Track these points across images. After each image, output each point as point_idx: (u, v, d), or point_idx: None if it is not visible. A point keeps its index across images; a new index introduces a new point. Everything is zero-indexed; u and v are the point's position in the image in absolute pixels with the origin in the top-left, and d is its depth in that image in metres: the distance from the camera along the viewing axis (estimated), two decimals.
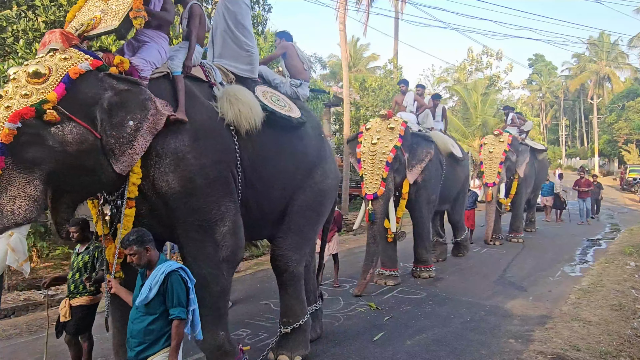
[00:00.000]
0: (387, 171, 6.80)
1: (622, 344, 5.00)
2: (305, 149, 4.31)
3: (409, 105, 8.41)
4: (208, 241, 3.44)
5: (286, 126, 4.01)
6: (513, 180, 11.25)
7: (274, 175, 3.98)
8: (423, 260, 8.05)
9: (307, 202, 4.35)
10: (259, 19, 10.90)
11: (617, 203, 22.14)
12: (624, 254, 9.68)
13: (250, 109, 3.60)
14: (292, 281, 4.41)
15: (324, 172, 4.51)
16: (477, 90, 26.10)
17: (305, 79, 4.76)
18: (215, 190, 3.43)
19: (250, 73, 4.15)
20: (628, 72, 42.88)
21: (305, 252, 4.51)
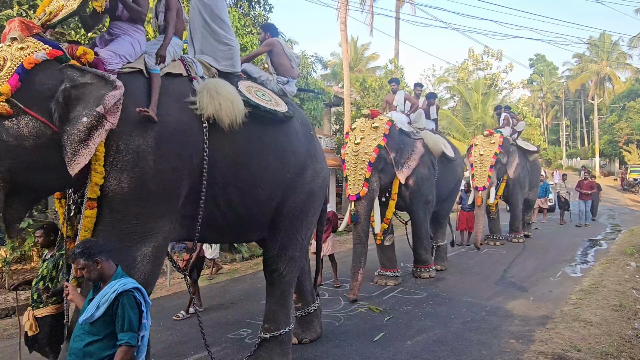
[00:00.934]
0: (370, 171, 6.65)
1: (623, 344, 5.00)
2: (294, 146, 4.07)
3: (400, 104, 8.25)
4: (125, 259, 2.97)
5: (272, 121, 3.81)
6: (501, 182, 10.94)
7: (260, 174, 3.73)
8: (423, 261, 7.95)
9: (298, 203, 4.14)
10: (260, 18, 10.90)
11: (618, 203, 22.12)
12: (625, 254, 9.68)
13: (231, 103, 3.41)
14: (281, 285, 4.28)
15: (315, 172, 4.29)
16: (477, 90, 26.10)
17: (292, 77, 4.61)
18: (161, 202, 3.14)
19: (232, 67, 3.96)
20: (629, 72, 42.83)
21: (296, 255, 4.33)
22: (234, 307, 6.50)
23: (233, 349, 4.93)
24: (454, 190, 9.18)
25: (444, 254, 8.92)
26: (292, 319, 4.51)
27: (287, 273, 4.28)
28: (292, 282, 4.41)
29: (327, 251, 7.36)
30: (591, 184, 14.50)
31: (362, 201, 6.67)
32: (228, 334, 5.39)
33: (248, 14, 10.56)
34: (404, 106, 8.26)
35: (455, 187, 9.27)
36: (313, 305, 5.03)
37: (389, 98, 8.53)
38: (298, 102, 9.46)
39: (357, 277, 6.64)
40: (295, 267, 4.37)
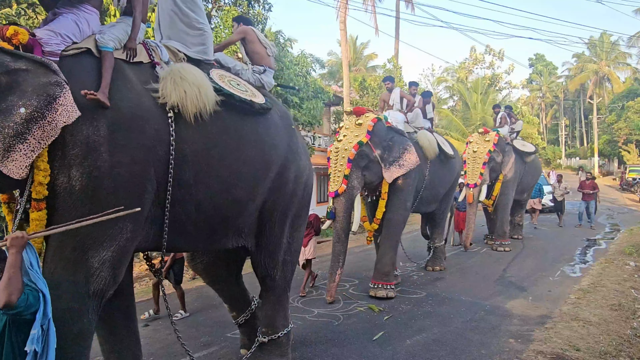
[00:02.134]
0: (350, 168, 6.47)
1: (622, 344, 5.00)
2: (275, 140, 3.68)
3: (396, 103, 8.03)
4: (82, 267, 2.62)
5: (249, 112, 3.46)
6: (496, 182, 10.56)
7: (238, 170, 3.34)
8: (384, 273, 6.93)
9: (281, 203, 3.83)
10: (259, 17, 10.89)
11: (617, 203, 22.13)
12: (624, 254, 9.68)
13: (198, 90, 3.03)
14: (275, 290, 4.11)
15: (298, 169, 3.96)
16: (477, 89, 26.13)
17: (269, 66, 4.26)
18: (121, 199, 2.69)
19: (204, 54, 3.61)
20: (628, 72, 42.88)
21: (287, 258, 4.11)
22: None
23: (232, 348, 4.92)
24: (451, 189, 8.89)
25: (442, 255, 8.76)
26: (290, 320, 4.42)
27: (280, 278, 4.09)
28: (287, 286, 4.25)
29: (308, 255, 7.05)
30: (593, 184, 14.28)
31: (340, 198, 6.50)
32: (227, 333, 5.39)
33: (247, 13, 10.54)
34: (400, 105, 8.08)
35: (453, 186, 9.01)
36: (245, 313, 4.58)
37: (385, 97, 8.32)
38: (297, 101, 9.45)
39: (335, 277, 6.43)
40: (289, 271, 4.19)
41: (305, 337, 5.24)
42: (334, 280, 6.44)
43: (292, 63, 10.05)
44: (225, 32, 9.87)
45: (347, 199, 6.52)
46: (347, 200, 6.53)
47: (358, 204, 6.78)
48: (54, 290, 2.45)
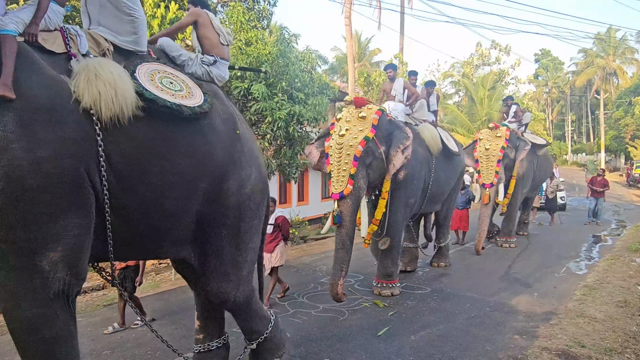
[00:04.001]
0: (356, 166, 5.87)
1: (627, 340, 5.00)
2: (211, 148, 3.27)
3: (398, 94, 7.46)
4: (33, 272, 2.45)
5: (177, 118, 3.03)
6: (511, 179, 10.17)
7: (166, 181, 3.01)
8: (387, 274, 6.82)
9: (221, 217, 3.44)
10: (264, 13, 10.86)
11: (623, 199, 22.01)
12: (630, 250, 9.64)
13: (114, 92, 2.68)
14: (239, 308, 3.81)
15: (242, 179, 3.54)
16: (484, 85, 25.99)
17: (221, 56, 3.77)
18: (53, 198, 2.46)
19: (135, 44, 3.19)
20: (635, 67, 42.52)
21: (239, 275, 3.66)
22: None
23: (235, 343, 4.95)
24: (455, 187, 8.63)
25: (446, 252, 8.76)
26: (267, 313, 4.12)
27: (238, 298, 3.68)
28: (249, 299, 3.83)
29: (276, 262, 6.47)
30: (604, 181, 14.00)
31: (346, 200, 5.85)
32: (231, 328, 5.37)
33: (252, 9, 10.51)
34: (403, 95, 7.52)
35: (457, 184, 8.70)
36: (217, 340, 4.06)
37: (386, 87, 7.72)
38: (303, 97, 9.43)
39: (337, 289, 5.76)
40: (248, 285, 3.77)
41: (311, 333, 5.27)
42: (337, 291, 5.77)
43: (298, 59, 10.02)
44: (231, 28, 9.86)
45: (353, 201, 5.92)
46: (353, 203, 5.92)
47: (364, 205, 6.28)
48: (11, 301, 2.42)
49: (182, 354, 3.80)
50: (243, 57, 8.98)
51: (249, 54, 8.98)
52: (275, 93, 8.91)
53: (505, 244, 10.54)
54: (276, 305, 6.34)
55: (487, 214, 9.33)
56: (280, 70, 9.20)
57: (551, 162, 13.07)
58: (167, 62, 3.42)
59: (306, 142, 9.24)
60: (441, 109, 29.71)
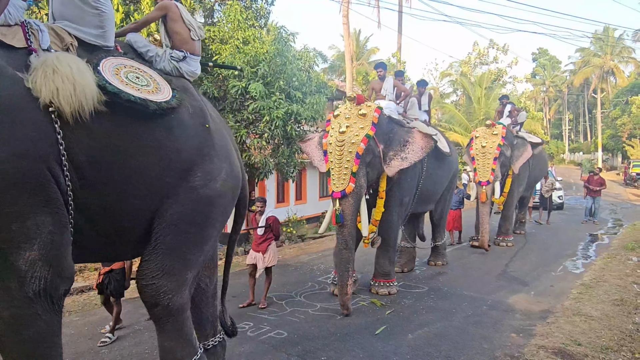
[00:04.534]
0: (358, 164, 5.80)
1: (624, 338, 5.02)
2: (178, 143, 3.17)
3: (389, 93, 7.27)
4: (7, 272, 2.43)
5: (142, 113, 2.92)
6: (507, 177, 10.25)
7: (130, 178, 2.91)
8: (384, 273, 6.82)
9: (184, 213, 3.24)
10: (262, 11, 10.85)
11: (620, 198, 22.08)
12: (626, 249, 9.68)
13: (73, 87, 2.59)
14: (169, 317, 3.31)
15: (208, 173, 3.36)
16: (481, 84, 26.05)
17: (192, 52, 3.61)
18: (17, 197, 2.42)
19: (101, 39, 3.07)
20: (632, 66, 42.67)
21: (185, 277, 3.36)
22: (235, 300, 6.53)
23: (235, 342, 4.95)
24: (449, 188, 8.54)
25: (443, 251, 8.78)
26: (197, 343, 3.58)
27: (175, 302, 3.28)
28: (185, 307, 3.41)
29: (268, 262, 6.36)
30: (601, 180, 14.03)
31: (348, 199, 5.78)
32: None
33: (250, 7, 10.50)
34: (393, 94, 7.35)
35: (450, 184, 8.57)
36: (212, 340, 3.96)
37: (376, 85, 7.52)
38: (300, 96, 9.43)
39: (346, 290, 5.74)
40: (186, 291, 3.42)
41: (308, 331, 5.28)
42: (346, 292, 5.76)
43: (295, 58, 10.02)
44: (229, 27, 9.85)
45: (355, 200, 5.86)
46: (355, 201, 5.86)
47: (364, 204, 6.19)
48: None
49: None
50: (240, 55, 8.97)
51: (246, 52, 8.97)
52: (273, 92, 8.90)
53: (502, 242, 10.59)
54: (273, 304, 6.35)
55: (486, 211, 9.42)
56: (277, 69, 9.19)
57: (546, 161, 13.02)
58: (135, 58, 3.30)
59: None
60: (439, 108, 29.82)
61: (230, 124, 8.86)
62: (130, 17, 8.07)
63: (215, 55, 9.27)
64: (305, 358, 4.56)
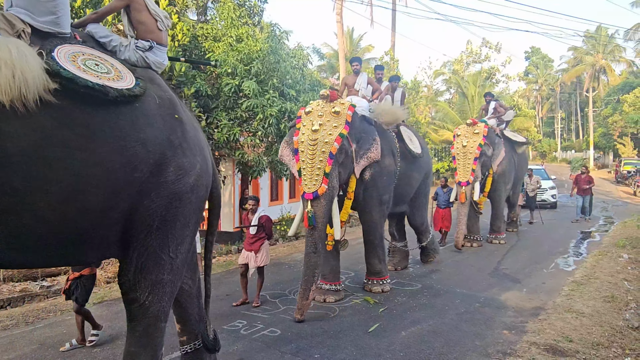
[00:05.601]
0: (331, 165, 5.56)
1: (614, 335, 5.07)
2: (144, 133, 2.92)
3: (362, 88, 6.99)
4: None
5: (101, 101, 2.71)
6: (487, 177, 10.15)
7: (87, 173, 2.65)
8: (376, 272, 6.82)
9: (157, 210, 3.03)
10: (255, 9, 10.83)
11: (611, 196, 22.26)
12: (617, 246, 9.76)
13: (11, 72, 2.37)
14: (144, 319, 3.15)
15: (181, 168, 3.13)
16: (475, 82, 26.15)
17: (158, 41, 3.41)
18: None
19: (55, 25, 2.86)
20: (624, 65, 43.01)
21: (163, 278, 3.18)
22: (229, 298, 6.52)
23: (228, 341, 4.95)
24: (422, 188, 8.13)
25: (432, 246, 8.60)
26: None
27: (151, 303, 3.13)
28: (161, 315, 3.23)
29: (260, 262, 6.25)
30: (589, 178, 14.04)
31: (320, 201, 5.53)
32: (223, 326, 5.42)
33: (243, 5, 10.48)
34: (366, 90, 7.06)
35: (423, 185, 8.12)
36: (187, 346, 3.84)
37: (349, 80, 7.20)
38: (294, 94, 9.41)
39: (308, 294, 5.51)
40: (165, 295, 3.23)
41: (301, 329, 5.28)
42: (307, 297, 5.51)
43: (289, 56, 10.01)
44: (222, 24, 9.81)
45: (328, 202, 5.64)
46: (328, 203, 5.64)
47: (336, 206, 5.93)
48: None
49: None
50: (234, 53, 8.95)
51: (239, 50, 8.95)
52: (267, 90, 8.89)
53: (495, 240, 10.64)
54: (267, 302, 6.35)
55: (465, 212, 9.29)
56: (271, 67, 9.18)
57: (527, 161, 12.95)
58: (95, 47, 3.08)
59: None
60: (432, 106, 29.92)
61: (223, 122, 8.84)
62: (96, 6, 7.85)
63: (208, 52, 9.24)
64: (299, 356, 4.56)
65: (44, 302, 6.76)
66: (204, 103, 9.13)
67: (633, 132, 33.03)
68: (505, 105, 12.03)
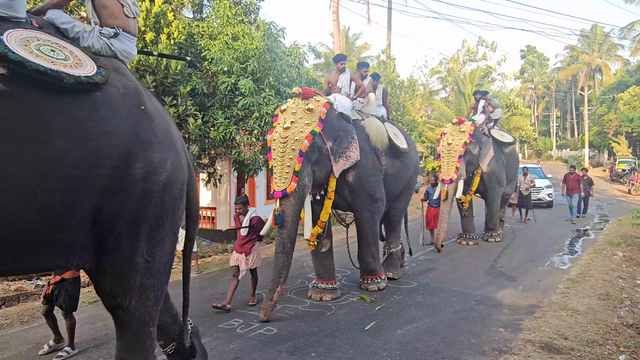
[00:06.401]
0: (301, 163, 5.45)
1: (609, 332, 5.10)
2: (106, 125, 2.66)
3: (345, 86, 6.80)
4: None
5: (57, 89, 2.48)
6: (475, 176, 10.06)
7: (42, 169, 2.40)
8: (371, 270, 6.74)
9: (126, 210, 2.79)
10: (252, 7, 10.80)
11: (606, 194, 22.39)
12: (612, 244, 9.82)
13: None
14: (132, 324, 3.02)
15: (150, 164, 2.86)
16: (471, 81, 26.21)
17: (125, 28, 3.15)
18: None
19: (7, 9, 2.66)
20: (619, 64, 43.20)
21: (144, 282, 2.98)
22: (224, 297, 6.51)
23: (224, 339, 4.95)
24: (407, 187, 7.77)
25: (397, 261, 7.61)
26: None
27: (135, 309, 2.97)
28: (148, 320, 3.07)
29: (252, 264, 6.13)
30: (577, 177, 13.95)
31: (289, 199, 5.46)
32: (219, 324, 5.41)
33: (239, 3, 10.44)
34: (349, 88, 6.87)
35: (409, 183, 7.79)
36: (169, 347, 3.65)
37: (332, 78, 6.98)
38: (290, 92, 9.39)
39: (274, 295, 5.44)
40: (148, 300, 3.04)
41: (298, 327, 5.29)
42: (272, 298, 5.45)
43: (285, 54, 9.99)
44: (218, 22, 9.78)
45: (297, 200, 5.51)
46: (297, 202, 5.52)
47: (308, 205, 5.82)
48: None
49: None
50: (230, 51, 8.92)
51: (235, 48, 8.92)
52: (263, 88, 8.87)
53: (490, 238, 10.66)
54: (263, 301, 6.33)
55: (447, 210, 9.05)
56: (267, 66, 9.16)
57: (518, 161, 12.75)
58: (53, 34, 2.84)
59: None
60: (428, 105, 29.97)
61: (219, 120, 8.82)
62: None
63: (204, 51, 9.21)
64: (295, 354, 4.56)
65: (38, 302, 6.72)
66: (200, 101, 9.10)
67: (627, 130, 33.19)
68: (493, 103, 11.89)
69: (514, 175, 12.14)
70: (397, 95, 18.24)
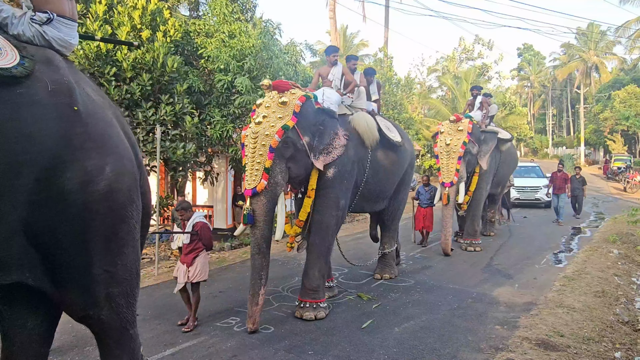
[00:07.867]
0: (271, 159, 5.08)
1: (605, 329, 5.12)
2: (29, 127, 2.33)
3: (336, 79, 6.43)
4: None
5: None
6: (473, 175, 9.48)
7: None
8: (312, 289, 5.64)
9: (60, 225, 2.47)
10: (248, 5, 10.77)
11: (602, 192, 22.48)
12: (608, 242, 9.86)
13: None
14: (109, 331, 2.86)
15: (84, 173, 2.51)
16: (467, 79, 26.25)
17: (60, 13, 2.75)
18: None
19: None
20: (615, 62, 43.34)
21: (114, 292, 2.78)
22: (222, 295, 6.51)
23: (221, 337, 4.95)
24: (403, 183, 7.33)
25: (392, 261, 7.44)
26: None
27: (109, 318, 2.78)
28: (126, 325, 2.91)
29: (196, 277, 5.27)
30: (565, 176, 13.33)
31: (260, 198, 5.10)
32: (216, 322, 5.41)
33: (236, 1, 10.41)
34: (340, 82, 6.51)
35: (405, 179, 7.37)
36: None
37: (323, 71, 6.60)
38: None
39: (258, 299, 5.06)
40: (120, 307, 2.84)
41: (295, 326, 5.29)
42: (257, 302, 5.07)
43: (282, 52, 9.98)
44: (214, 20, 9.75)
45: (268, 199, 5.16)
46: (268, 201, 5.16)
47: (282, 204, 5.45)
48: None
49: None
50: (226, 49, 8.90)
51: (232, 46, 8.91)
52: (259, 86, 8.85)
53: (470, 246, 9.49)
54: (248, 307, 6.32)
55: (449, 214, 8.76)
56: (264, 63, 9.15)
57: (516, 158, 12.20)
58: None
59: None
60: (425, 103, 29.99)
61: (216, 118, 8.81)
62: None
63: (200, 48, 9.19)
64: (292, 352, 4.56)
65: None
66: (197, 99, 9.08)
67: (623, 128, 33.31)
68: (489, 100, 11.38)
69: (509, 175, 11.68)
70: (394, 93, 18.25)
